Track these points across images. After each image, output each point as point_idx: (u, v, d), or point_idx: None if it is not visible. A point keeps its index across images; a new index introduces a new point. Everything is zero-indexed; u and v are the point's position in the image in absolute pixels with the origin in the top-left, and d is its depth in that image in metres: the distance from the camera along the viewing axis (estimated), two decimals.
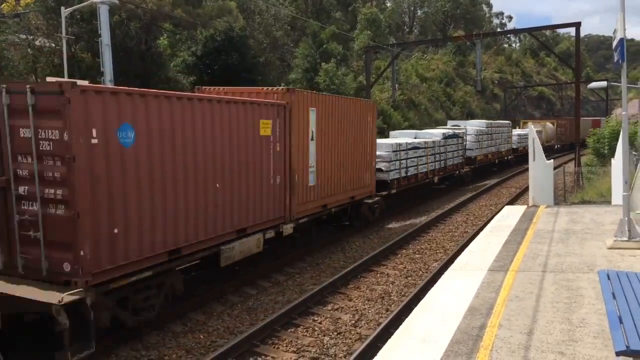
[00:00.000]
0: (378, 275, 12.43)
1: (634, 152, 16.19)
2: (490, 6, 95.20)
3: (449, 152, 25.04)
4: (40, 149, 7.49)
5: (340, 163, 15.07)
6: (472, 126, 30.40)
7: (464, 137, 28.01)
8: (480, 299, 7.44)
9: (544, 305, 7.11)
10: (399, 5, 73.14)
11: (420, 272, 12.61)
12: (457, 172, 26.60)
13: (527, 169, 16.60)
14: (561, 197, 19.19)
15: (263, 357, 8.24)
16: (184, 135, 9.17)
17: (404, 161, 20.06)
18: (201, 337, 8.95)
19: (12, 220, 7.74)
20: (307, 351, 8.37)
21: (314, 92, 16.24)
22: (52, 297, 7.01)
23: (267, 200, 11.69)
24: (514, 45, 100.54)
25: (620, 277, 6.60)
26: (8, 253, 7.81)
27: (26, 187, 7.64)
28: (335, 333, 9.08)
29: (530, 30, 35.00)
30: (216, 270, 10.84)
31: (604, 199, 17.27)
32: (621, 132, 11.44)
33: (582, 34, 29.12)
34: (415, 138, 23.21)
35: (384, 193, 18.34)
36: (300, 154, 12.88)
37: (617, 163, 14.17)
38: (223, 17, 31.30)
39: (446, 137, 24.87)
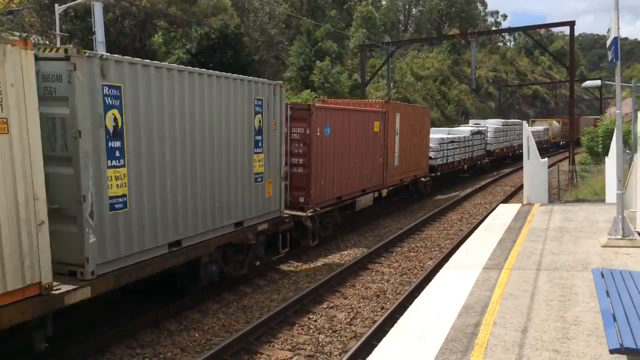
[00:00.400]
0: (373, 273, 12.46)
1: (627, 151, 16.28)
2: (485, 5, 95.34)
3: (474, 145, 30.40)
4: (291, 138, 13.76)
5: (411, 151, 20.92)
6: (492, 125, 35.69)
7: (486, 134, 33.22)
8: (475, 297, 7.47)
9: (538, 303, 7.14)
10: (394, 4, 73.16)
11: (416, 270, 12.65)
12: (480, 162, 31.77)
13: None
14: (555, 195, 19.29)
15: (258, 355, 8.24)
16: (349, 131, 15.81)
17: (445, 151, 25.67)
18: (196, 335, 8.94)
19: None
20: (303, 349, 8.38)
21: (399, 102, 24.06)
22: (302, 214, 13.58)
23: (375, 173, 17.91)
24: (508, 43, 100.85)
25: (614, 275, 6.64)
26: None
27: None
28: (331, 331, 9.09)
29: (524, 29, 35.18)
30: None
31: (598, 197, 17.37)
32: (615, 131, 11.49)
33: (576, 33, 29.29)
34: (448, 134, 27.94)
35: (432, 174, 23.93)
36: (390, 144, 19.03)
37: (611, 161, 14.26)
38: (218, 15, 31.23)
39: (473, 133, 30.26)
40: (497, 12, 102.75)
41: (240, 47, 30.32)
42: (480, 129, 32.79)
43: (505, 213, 14.03)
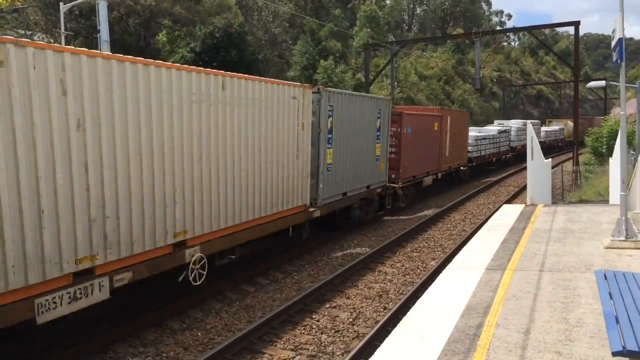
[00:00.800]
0: (376, 273, 12.46)
1: (631, 152, 16.23)
2: (489, 4, 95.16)
3: (501, 142, 35.69)
4: (389, 135, 18.77)
5: (455, 145, 26.47)
6: (514, 124, 41.22)
7: (510, 132, 38.24)
8: (477, 298, 7.46)
9: (541, 304, 7.13)
10: (398, 3, 73.09)
11: (418, 271, 12.65)
12: (504, 156, 37.09)
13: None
14: (559, 196, 19.25)
15: (260, 354, 8.25)
16: (421, 130, 21.66)
17: (479, 146, 31.33)
18: (199, 334, 8.96)
19: None
20: (305, 349, 8.39)
21: (449, 107, 30.37)
22: (395, 185, 19.38)
23: (434, 161, 23.70)
24: (513, 43, 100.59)
25: (617, 277, 6.62)
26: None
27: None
28: (333, 331, 9.10)
29: (529, 29, 35.02)
30: (215, 268, 10.84)
31: (602, 198, 17.32)
32: (619, 132, 11.45)
33: (581, 33, 29.22)
34: (479, 132, 33.30)
35: (469, 165, 29.50)
36: (444, 139, 24.78)
37: (615, 162, 14.21)
38: (222, 14, 31.24)
39: (499, 132, 35.88)
40: (501, 12, 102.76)
41: (244, 46, 30.32)
42: (505, 128, 38.19)
43: (508, 214, 14.01)
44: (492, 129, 36.75)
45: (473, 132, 31.63)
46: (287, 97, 12.24)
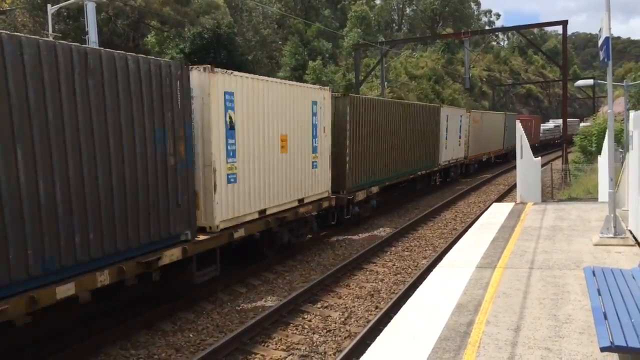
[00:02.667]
0: (367, 272, 12.48)
1: (619, 150, 16.37)
2: (478, 4, 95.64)
3: (554, 132, 59.34)
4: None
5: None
6: (554, 122, 63.93)
7: (560, 127, 47.43)
8: (468, 296, 7.50)
9: (530, 301, 7.18)
10: (388, 3, 73.21)
11: (410, 270, 12.68)
12: (557, 141, 56.57)
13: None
14: (548, 194, 19.37)
15: (253, 355, 8.24)
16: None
17: (545, 134, 58.22)
18: (191, 335, 8.94)
19: None
20: (297, 349, 8.39)
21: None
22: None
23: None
24: (502, 43, 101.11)
25: (606, 273, 6.68)
26: None
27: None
28: (325, 331, 9.11)
29: (518, 29, 35.21)
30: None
31: (591, 195, 17.45)
32: (607, 130, 11.55)
33: (569, 32, 29.43)
34: (544, 126, 59.48)
35: (539, 144, 50.27)
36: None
37: (604, 160, 14.33)
38: (211, 14, 31.16)
39: (555, 126, 59.58)
40: (490, 12, 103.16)
41: (233, 47, 30.26)
42: (557, 124, 58.33)
43: (498, 212, 14.09)
44: (551, 124, 62.86)
45: (546, 125, 59.88)
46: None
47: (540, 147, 50.99)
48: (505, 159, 41.50)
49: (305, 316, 9.77)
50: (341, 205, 15.80)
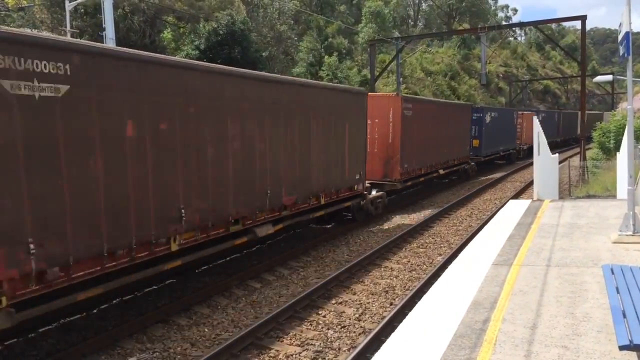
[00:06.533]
0: (382, 269, 12.46)
1: (639, 146, 16.12)
2: None
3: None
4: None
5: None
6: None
7: None
8: (484, 293, 7.45)
9: (547, 299, 7.11)
10: None
11: (425, 266, 12.63)
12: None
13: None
14: (566, 191, 19.16)
15: (267, 350, 8.27)
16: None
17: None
18: (206, 330, 9.00)
19: None
20: (311, 344, 8.41)
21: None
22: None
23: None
24: (519, 38, 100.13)
25: (624, 271, 6.59)
26: None
27: None
28: (339, 327, 9.11)
29: (535, 24, 34.87)
30: (221, 264, 10.90)
31: (609, 193, 17.22)
32: (626, 126, 11.38)
33: (587, 27, 28.95)
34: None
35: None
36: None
37: (622, 157, 14.12)
38: (226, 10, 31.22)
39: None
40: (507, 7, 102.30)
41: (248, 43, 30.28)
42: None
43: (515, 209, 13.96)
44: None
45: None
46: None
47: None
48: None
49: (320, 312, 9.78)
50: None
